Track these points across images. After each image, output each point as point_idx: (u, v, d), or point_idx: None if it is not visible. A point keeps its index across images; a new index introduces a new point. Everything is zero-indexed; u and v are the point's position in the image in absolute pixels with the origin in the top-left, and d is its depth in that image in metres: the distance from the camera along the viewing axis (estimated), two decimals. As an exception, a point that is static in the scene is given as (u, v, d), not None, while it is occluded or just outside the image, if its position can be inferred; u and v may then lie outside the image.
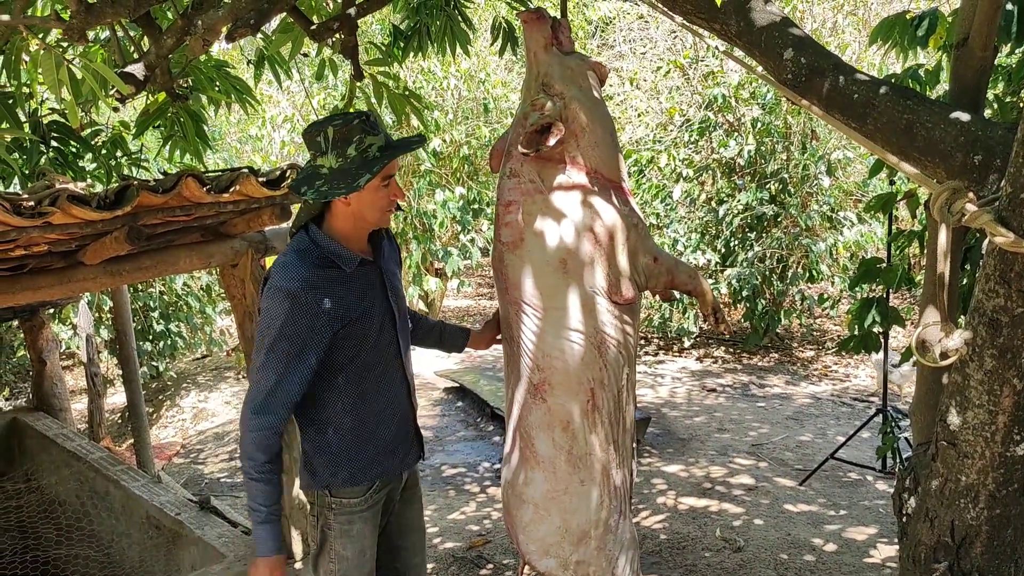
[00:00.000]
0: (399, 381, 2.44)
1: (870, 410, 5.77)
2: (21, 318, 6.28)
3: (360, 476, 2.35)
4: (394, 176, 2.25)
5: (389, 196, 2.24)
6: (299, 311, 2.11)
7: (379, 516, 2.47)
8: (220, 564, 4.04)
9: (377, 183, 2.18)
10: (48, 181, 2.91)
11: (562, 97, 2.40)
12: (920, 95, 1.97)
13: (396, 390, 2.42)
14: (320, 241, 2.22)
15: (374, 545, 2.46)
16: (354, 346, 2.26)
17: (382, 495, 2.44)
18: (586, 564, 2.54)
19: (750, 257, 8.25)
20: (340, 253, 2.22)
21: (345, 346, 2.24)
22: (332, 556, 2.41)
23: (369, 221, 2.27)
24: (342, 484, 2.34)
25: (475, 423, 6.66)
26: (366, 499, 2.38)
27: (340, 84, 9.37)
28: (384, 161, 2.15)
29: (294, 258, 2.19)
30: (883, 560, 3.80)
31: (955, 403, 1.64)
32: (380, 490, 2.42)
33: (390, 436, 2.41)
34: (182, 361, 10.67)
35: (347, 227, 2.25)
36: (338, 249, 2.22)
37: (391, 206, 2.26)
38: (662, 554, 3.98)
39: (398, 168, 2.26)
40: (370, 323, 2.29)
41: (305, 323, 2.13)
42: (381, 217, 2.28)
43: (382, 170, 2.15)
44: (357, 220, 2.24)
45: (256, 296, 3.96)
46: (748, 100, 8.55)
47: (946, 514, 1.68)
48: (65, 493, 5.47)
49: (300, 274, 2.15)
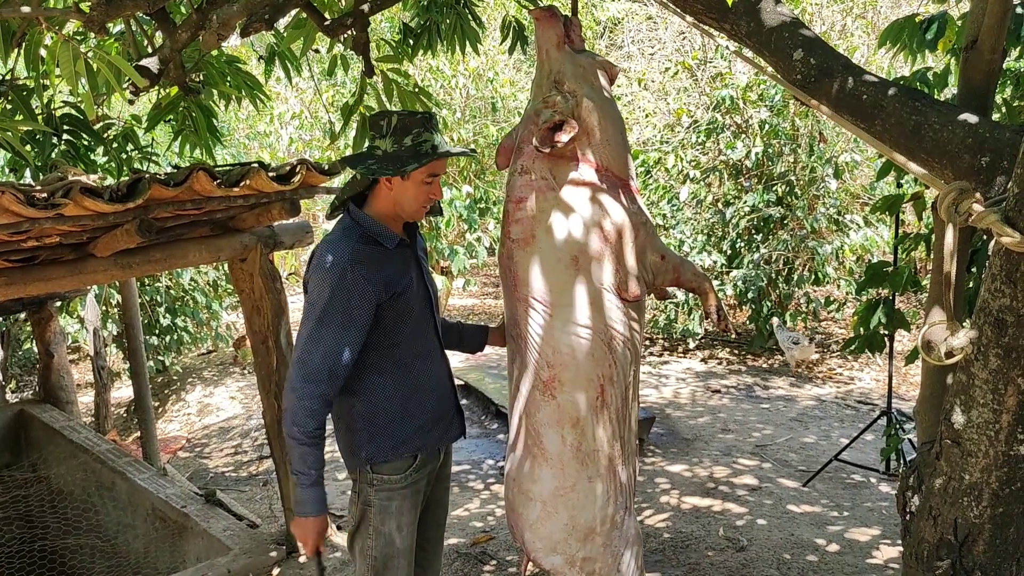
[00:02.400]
0: (439, 358, 2.55)
1: (874, 413, 5.77)
2: (29, 311, 6.31)
3: (403, 449, 2.42)
4: (439, 177, 2.38)
5: (429, 194, 2.36)
6: (347, 283, 2.22)
7: (419, 496, 2.51)
8: (225, 556, 4.07)
9: (422, 176, 2.32)
10: (61, 173, 2.94)
11: (574, 95, 2.42)
12: (928, 97, 1.98)
13: (436, 366, 2.52)
14: (362, 220, 2.35)
15: (413, 524, 2.50)
16: (397, 319, 2.36)
17: (422, 474, 2.49)
18: (592, 561, 2.56)
19: (756, 259, 8.25)
20: (381, 231, 2.35)
21: (389, 319, 2.34)
22: (370, 532, 2.46)
23: (405, 211, 2.38)
24: (385, 458, 2.40)
25: (480, 421, 6.67)
26: (406, 476, 2.43)
27: (350, 81, 9.39)
28: (433, 157, 2.29)
29: (340, 235, 2.32)
30: (885, 561, 3.81)
31: (959, 402, 1.65)
32: (420, 468, 2.47)
33: (432, 411, 2.48)
34: (188, 356, 10.71)
35: (386, 210, 2.38)
36: (379, 228, 2.35)
37: (428, 203, 2.39)
38: (665, 552, 3.99)
39: (444, 172, 2.40)
40: (411, 299, 2.39)
41: (354, 294, 2.23)
42: (416, 211, 2.39)
43: (429, 165, 2.29)
44: (395, 206, 2.37)
45: (264, 290, 3.99)
46: (756, 102, 8.55)
47: (949, 512, 1.70)
48: (71, 484, 5.51)
49: (346, 249, 2.26)
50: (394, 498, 2.44)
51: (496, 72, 10.84)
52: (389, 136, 2.30)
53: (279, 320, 4.03)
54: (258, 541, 4.21)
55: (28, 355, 10.09)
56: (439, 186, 2.39)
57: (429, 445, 2.48)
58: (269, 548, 4.13)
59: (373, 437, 2.40)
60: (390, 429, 2.40)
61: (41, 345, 6.47)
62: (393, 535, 2.45)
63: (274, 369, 4.05)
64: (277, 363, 4.04)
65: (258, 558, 4.04)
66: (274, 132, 11.53)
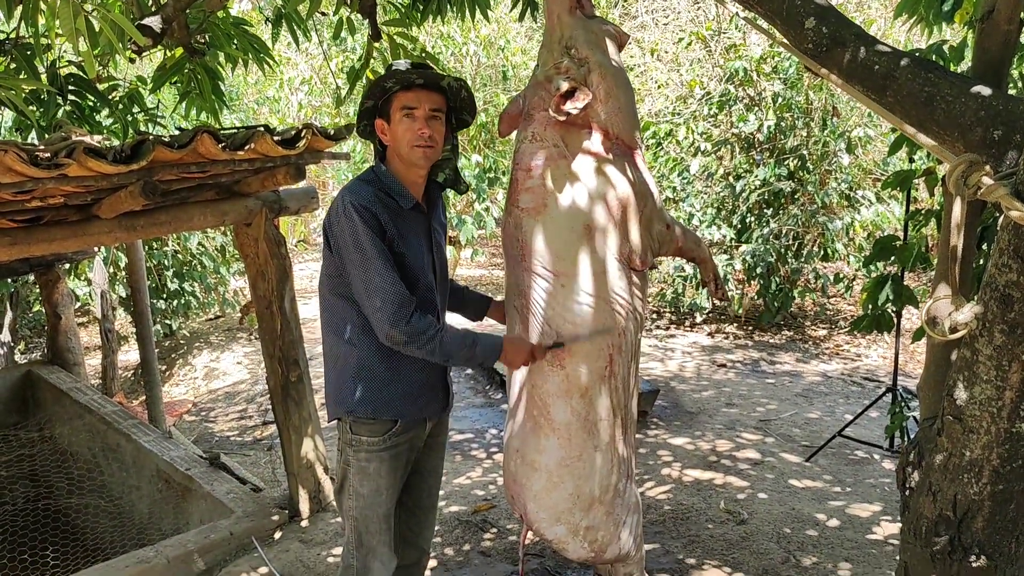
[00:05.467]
0: None
1: (880, 390, 5.76)
2: (37, 272, 6.33)
3: (384, 411, 2.43)
4: (417, 109, 2.33)
5: (414, 130, 2.33)
6: (365, 222, 2.25)
7: (400, 460, 2.52)
8: (228, 519, 4.10)
9: (398, 114, 2.32)
10: (65, 133, 2.92)
11: (586, 61, 2.38)
12: (942, 68, 1.94)
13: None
14: (383, 175, 2.39)
15: (393, 487, 2.52)
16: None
17: (403, 439, 2.49)
18: (595, 529, 2.56)
19: (765, 234, 8.19)
20: (398, 189, 2.38)
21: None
22: (350, 492, 2.50)
23: (404, 156, 2.37)
24: (365, 415, 2.42)
25: (484, 391, 6.69)
26: (384, 439, 2.45)
27: (359, 47, 9.32)
28: (387, 86, 2.32)
29: (357, 184, 2.36)
30: (885, 537, 3.81)
31: (963, 378, 1.63)
32: (401, 434, 2.48)
33: (418, 381, 2.48)
34: (195, 321, 10.75)
35: (400, 168, 2.40)
36: (397, 186, 2.38)
37: (418, 140, 2.34)
38: (665, 524, 4.00)
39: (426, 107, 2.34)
40: (415, 262, 2.40)
41: (373, 230, 2.26)
42: (411, 152, 2.35)
43: (398, 96, 2.32)
44: (401, 160, 2.38)
45: (268, 255, 3.98)
46: (770, 75, 8.45)
47: (949, 488, 1.68)
48: (77, 445, 5.56)
49: (362, 194, 2.30)
50: (372, 460, 2.45)
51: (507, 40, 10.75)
52: (370, 95, 2.36)
53: (283, 285, 4.03)
54: (261, 504, 4.24)
55: (38, 317, 10.14)
56: (423, 121, 2.33)
57: (410, 413, 2.48)
58: (271, 512, 4.16)
59: (358, 392, 2.42)
60: (375, 388, 2.42)
61: (49, 307, 6.49)
62: (372, 497, 2.48)
63: (278, 334, 4.05)
64: (281, 328, 4.05)
65: (260, 521, 4.07)
66: (284, 97, 11.47)
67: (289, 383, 4.11)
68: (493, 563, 3.70)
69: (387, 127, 2.36)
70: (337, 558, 3.79)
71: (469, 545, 3.89)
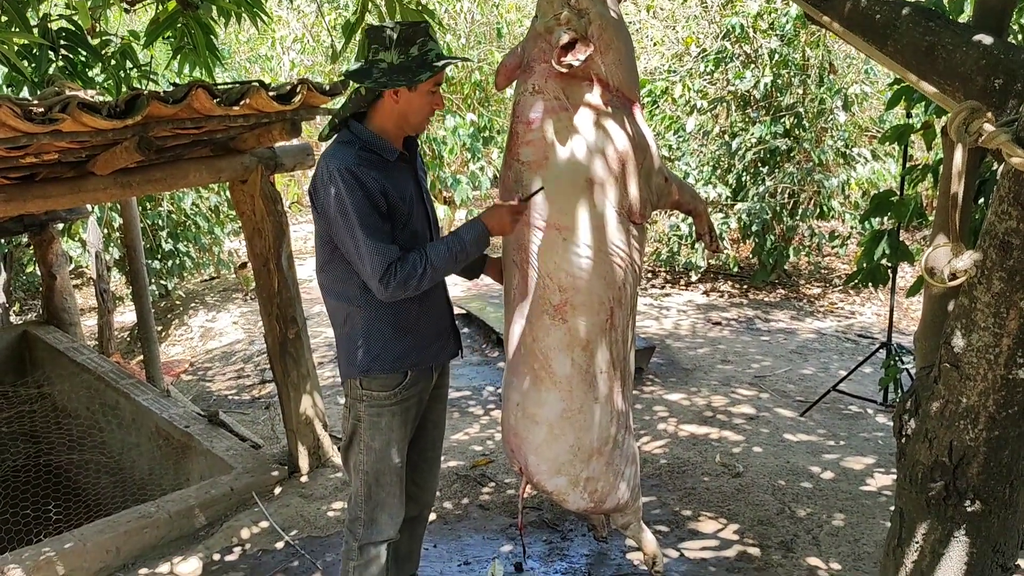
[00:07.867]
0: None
1: (874, 346, 5.80)
2: (30, 232, 6.31)
3: (397, 364, 2.45)
4: (442, 85, 2.40)
5: (433, 104, 2.38)
6: (352, 185, 2.24)
7: (410, 413, 2.54)
8: (228, 475, 4.14)
9: (428, 87, 2.33)
10: (58, 88, 2.90)
11: (586, 12, 2.35)
12: (943, 17, 1.93)
13: (435, 286, 2.51)
14: (361, 134, 2.36)
15: (403, 440, 2.54)
16: (397, 231, 2.36)
17: (413, 392, 2.52)
18: (595, 480, 2.59)
19: (761, 192, 8.18)
20: (381, 144, 2.36)
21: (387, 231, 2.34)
22: (361, 447, 2.51)
23: (411, 123, 2.39)
24: (380, 370, 2.43)
25: (480, 348, 6.71)
26: (396, 392, 2.47)
27: (352, 3, 9.20)
28: (444, 65, 2.31)
29: (337, 148, 2.35)
30: (879, 488, 3.86)
31: (960, 325, 1.64)
32: (411, 386, 2.50)
33: (429, 329, 2.52)
34: (191, 281, 10.73)
35: (389, 125, 2.38)
36: (380, 141, 2.36)
37: (432, 113, 2.41)
38: (662, 477, 4.05)
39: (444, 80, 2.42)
40: (410, 213, 2.41)
41: (361, 194, 2.25)
42: (421, 122, 2.41)
43: (438, 74, 2.31)
44: (400, 119, 2.37)
45: (265, 212, 3.97)
46: (767, 31, 8.38)
47: (945, 435, 1.70)
48: (75, 403, 5.58)
49: (346, 157, 2.29)
50: (383, 414, 2.47)
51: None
52: (394, 48, 2.28)
53: (280, 242, 4.02)
54: (260, 461, 4.27)
55: (32, 279, 10.12)
56: (441, 95, 2.41)
57: (423, 362, 2.51)
58: (271, 468, 4.19)
59: (370, 349, 2.43)
60: (385, 342, 2.43)
61: (44, 267, 6.48)
62: (383, 451, 2.49)
63: (275, 292, 4.06)
64: (279, 285, 4.05)
65: (260, 477, 4.11)
66: (276, 56, 11.35)
67: (287, 340, 4.12)
68: (492, 516, 3.75)
69: (406, 94, 2.32)
70: (337, 512, 3.83)
71: (468, 499, 3.93)
